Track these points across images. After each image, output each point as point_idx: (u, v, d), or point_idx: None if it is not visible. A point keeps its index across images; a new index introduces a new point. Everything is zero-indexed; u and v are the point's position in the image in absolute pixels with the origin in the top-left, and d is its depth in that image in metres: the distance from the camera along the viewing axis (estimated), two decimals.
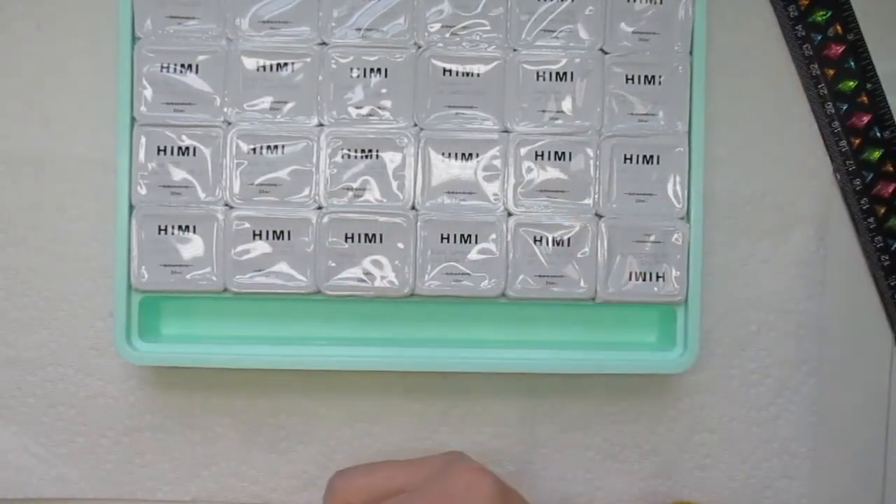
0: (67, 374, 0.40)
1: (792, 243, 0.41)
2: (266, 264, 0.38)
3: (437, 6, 0.38)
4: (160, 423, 0.41)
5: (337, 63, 0.38)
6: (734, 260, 0.41)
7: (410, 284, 0.38)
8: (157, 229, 0.38)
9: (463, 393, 0.41)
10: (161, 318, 0.40)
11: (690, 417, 0.42)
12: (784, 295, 0.42)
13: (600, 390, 0.42)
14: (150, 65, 0.37)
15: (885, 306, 0.42)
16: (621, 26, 0.39)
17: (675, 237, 0.39)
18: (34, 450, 0.41)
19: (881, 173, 0.41)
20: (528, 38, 0.38)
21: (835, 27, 0.41)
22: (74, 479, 0.41)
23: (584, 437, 0.42)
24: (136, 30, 0.38)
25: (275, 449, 0.41)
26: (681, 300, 0.39)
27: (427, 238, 0.38)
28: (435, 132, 0.38)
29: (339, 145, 0.38)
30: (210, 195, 0.38)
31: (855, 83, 0.41)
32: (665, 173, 0.39)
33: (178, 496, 0.41)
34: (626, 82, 0.39)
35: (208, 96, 0.38)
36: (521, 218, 0.38)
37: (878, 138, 0.41)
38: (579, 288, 0.38)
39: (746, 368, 0.42)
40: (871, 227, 0.41)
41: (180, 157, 0.38)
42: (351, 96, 0.38)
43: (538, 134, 0.38)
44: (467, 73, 0.38)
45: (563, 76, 0.38)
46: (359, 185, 0.38)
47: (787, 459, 0.42)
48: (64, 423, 0.41)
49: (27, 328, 0.40)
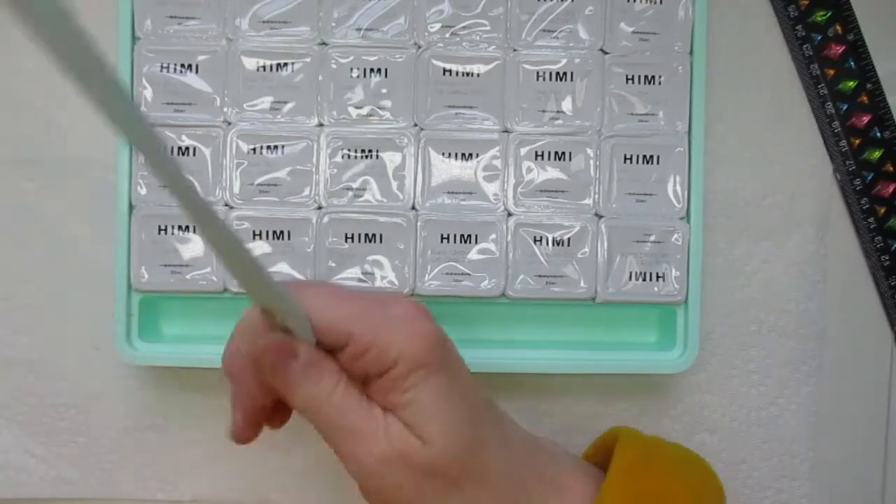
0: (67, 374, 0.40)
1: (792, 243, 0.41)
2: (266, 264, 0.38)
3: (437, 6, 0.38)
4: (160, 423, 0.41)
5: (337, 63, 0.38)
6: (734, 260, 0.41)
7: (410, 284, 0.38)
8: (157, 229, 0.38)
9: None
10: (161, 318, 0.40)
11: (690, 417, 0.42)
12: (784, 295, 0.42)
13: (600, 390, 0.42)
14: (150, 65, 0.37)
15: (885, 306, 0.42)
16: (621, 26, 0.39)
17: (675, 237, 0.39)
18: (34, 450, 0.41)
19: (881, 173, 0.41)
20: (528, 38, 0.38)
21: (835, 27, 0.41)
22: (74, 479, 0.41)
23: (585, 438, 0.42)
24: (136, 30, 0.38)
25: (275, 449, 0.41)
26: (681, 300, 0.39)
27: (427, 238, 0.38)
28: (435, 132, 0.38)
29: (339, 145, 0.38)
30: (210, 195, 0.38)
31: (855, 83, 0.41)
32: (665, 173, 0.39)
33: (178, 496, 0.41)
34: (626, 82, 0.39)
35: (208, 96, 0.38)
36: (521, 218, 0.38)
37: (878, 138, 0.41)
38: (579, 288, 0.38)
39: (746, 368, 0.42)
40: (871, 227, 0.41)
41: (180, 158, 0.38)
42: (351, 96, 0.38)
43: (538, 134, 0.38)
44: (467, 73, 0.38)
45: (563, 76, 0.38)
46: (359, 185, 0.38)
47: (787, 459, 0.42)
48: (64, 423, 0.41)
49: (27, 328, 0.40)
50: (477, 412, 0.29)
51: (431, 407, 0.28)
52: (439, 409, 0.28)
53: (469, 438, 0.28)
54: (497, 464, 0.29)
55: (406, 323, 0.28)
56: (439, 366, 0.28)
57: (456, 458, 0.28)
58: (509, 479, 0.29)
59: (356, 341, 0.27)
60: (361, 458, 0.28)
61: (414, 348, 0.27)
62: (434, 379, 0.28)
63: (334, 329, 0.27)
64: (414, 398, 0.27)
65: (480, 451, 0.28)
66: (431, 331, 0.28)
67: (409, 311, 0.28)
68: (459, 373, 0.29)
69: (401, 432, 0.27)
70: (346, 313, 0.28)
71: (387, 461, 0.27)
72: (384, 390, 0.28)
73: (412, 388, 0.27)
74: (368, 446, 0.27)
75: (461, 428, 0.28)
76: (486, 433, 0.29)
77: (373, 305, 0.28)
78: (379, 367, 0.27)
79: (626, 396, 0.42)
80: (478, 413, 0.29)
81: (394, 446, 0.27)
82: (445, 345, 0.29)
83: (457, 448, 0.28)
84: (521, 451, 0.30)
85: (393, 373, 0.27)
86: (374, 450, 0.27)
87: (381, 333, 0.27)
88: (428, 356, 0.28)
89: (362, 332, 0.27)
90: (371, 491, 0.28)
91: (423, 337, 0.28)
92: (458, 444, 0.28)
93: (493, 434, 0.29)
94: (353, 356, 0.28)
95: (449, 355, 0.29)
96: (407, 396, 0.27)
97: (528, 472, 0.30)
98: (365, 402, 0.28)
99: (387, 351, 0.27)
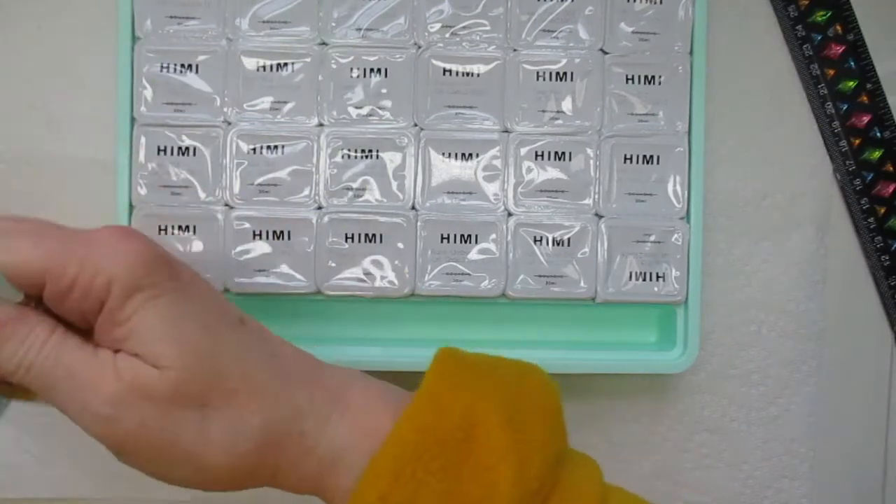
0: None
1: (792, 243, 0.41)
2: (266, 264, 0.38)
3: (437, 6, 0.38)
4: None
5: (337, 63, 0.38)
6: (734, 260, 0.41)
7: (410, 284, 0.38)
8: (157, 229, 0.38)
9: None
10: None
11: (690, 417, 0.42)
12: (784, 295, 0.42)
13: (600, 390, 0.42)
14: (150, 65, 0.37)
15: (885, 306, 0.42)
16: (621, 26, 0.39)
17: (674, 237, 0.39)
18: (34, 450, 0.41)
19: (881, 173, 0.41)
20: (528, 38, 0.38)
21: (835, 27, 0.41)
22: (74, 479, 0.41)
23: (585, 437, 0.42)
24: (136, 30, 0.38)
25: None
26: (681, 300, 0.39)
27: (427, 238, 0.38)
28: (435, 132, 0.38)
29: (339, 145, 0.38)
30: (210, 195, 0.38)
31: (855, 83, 0.41)
32: (665, 173, 0.39)
33: (178, 496, 0.41)
34: (626, 82, 0.39)
35: (208, 96, 0.38)
36: (521, 218, 0.38)
37: (878, 138, 0.41)
38: (579, 288, 0.38)
39: (746, 368, 0.42)
40: (871, 227, 0.41)
41: (180, 157, 0.38)
42: (351, 96, 0.38)
43: (538, 134, 0.38)
44: (467, 73, 0.38)
45: (563, 76, 0.38)
46: (359, 185, 0.38)
47: (787, 459, 0.42)
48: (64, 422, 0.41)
49: None
50: (219, 328, 0.26)
51: (158, 329, 0.25)
52: (169, 331, 0.25)
53: (208, 352, 0.26)
54: (257, 375, 0.26)
55: (111, 245, 0.25)
56: (163, 287, 0.25)
57: (198, 377, 0.25)
58: (276, 390, 0.26)
59: (55, 277, 0.25)
60: (92, 406, 0.25)
61: (126, 269, 0.25)
62: (158, 301, 0.25)
63: (27, 272, 0.25)
64: (137, 325, 0.25)
65: (232, 366, 0.26)
66: (144, 248, 0.26)
67: (113, 233, 0.26)
68: (194, 293, 0.27)
69: (131, 365, 0.25)
70: (40, 252, 0.25)
71: (121, 401, 0.25)
72: (106, 327, 0.25)
73: (133, 314, 0.25)
74: (97, 390, 0.25)
75: (198, 345, 0.25)
76: (236, 347, 0.26)
77: (72, 238, 0.25)
78: (93, 302, 0.25)
79: (626, 396, 0.42)
80: (221, 330, 0.26)
81: (126, 382, 0.25)
82: (167, 265, 0.26)
83: (197, 366, 0.25)
84: (291, 363, 0.28)
85: (110, 303, 0.25)
86: (104, 392, 0.25)
87: (85, 262, 0.25)
88: (144, 276, 0.25)
89: (62, 265, 0.24)
90: (118, 442, 0.26)
91: (134, 255, 0.25)
92: (196, 361, 0.25)
93: (251, 348, 0.27)
94: (57, 295, 0.25)
95: (176, 276, 0.26)
96: (129, 325, 0.25)
97: (300, 383, 0.27)
98: (88, 346, 0.26)
99: (95, 280, 0.25)
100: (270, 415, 0.26)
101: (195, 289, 0.27)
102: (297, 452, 0.27)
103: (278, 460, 0.27)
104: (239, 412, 0.26)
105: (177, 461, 0.26)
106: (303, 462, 0.27)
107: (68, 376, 0.25)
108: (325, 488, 0.27)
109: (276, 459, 0.27)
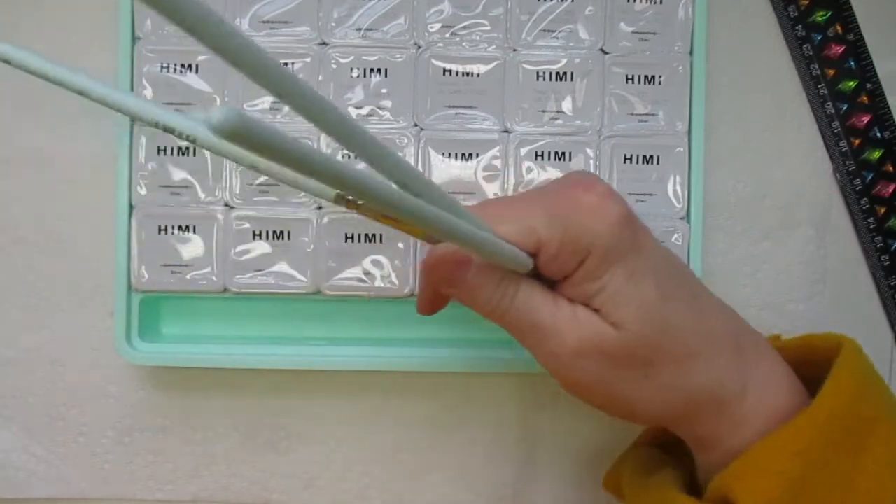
0: (67, 374, 0.40)
1: (792, 243, 0.41)
2: (266, 264, 0.38)
3: (437, 6, 0.38)
4: (160, 423, 0.41)
5: (337, 63, 0.38)
6: (734, 260, 0.41)
7: (410, 284, 0.38)
8: (157, 229, 0.38)
9: (463, 392, 0.41)
10: (161, 318, 0.40)
11: None
12: (784, 295, 0.42)
13: None
14: (150, 65, 0.37)
15: (885, 306, 0.42)
16: (621, 26, 0.39)
17: (675, 237, 0.39)
18: (34, 450, 0.41)
19: (881, 173, 0.41)
20: (528, 38, 0.38)
21: (835, 27, 0.41)
22: (74, 479, 0.41)
23: (586, 438, 0.42)
24: (136, 30, 0.38)
25: (275, 449, 0.41)
26: None
27: None
28: (435, 132, 0.38)
29: (339, 146, 0.38)
30: (210, 195, 0.38)
31: (855, 83, 0.41)
32: (665, 173, 0.39)
33: (178, 496, 0.41)
34: (626, 82, 0.39)
35: (208, 96, 0.38)
36: None
37: (878, 138, 0.41)
38: None
39: None
40: (871, 227, 0.41)
41: (180, 157, 0.38)
42: (351, 96, 0.38)
43: (538, 134, 0.38)
44: (467, 72, 0.38)
45: (563, 76, 0.38)
46: None
47: None
48: (64, 423, 0.41)
49: (27, 328, 0.40)
50: (668, 288, 0.29)
51: (622, 292, 0.28)
52: (630, 294, 0.28)
53: (661, 318, 0.28)
54: (695, 344, 0.29)
55: (592, 213, 0.27)
56: (628, 247, 0.28)
57: (649, 341, 0.28)
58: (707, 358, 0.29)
59: (546, 247, 0.27)
60: (555, 353, 0.28)
61: (604, 237, 0.27)
62: (623, 262, 0.28)
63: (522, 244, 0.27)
64: (604, 285, 0.27)
65: (677, 334, 0.29)
66: (618, 213, 0.28)
67: (592, 200, 0.28)
68: (647, 247, 0.29)
69: (592, 322, 0.28)
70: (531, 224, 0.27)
71: (581, 353, 0.28)
72: (577, 282, 0.28)
73: (605, 273, 0.27)
74: (560, 340, 0.28)
75: (653, 309, 0.28)
76: (683, 317, 0.29)
77: (557, 204, 0.28)
78: (573, 264, 0.27)
79: None
80: (669, 290, 0.29)
81: (586, 337, 0.28)
82: (633, 223, 0.28)
83: (649, 330, 0.28)
84: (722, 328, 0.30)
85: (587, 264, 0.27)
86: (566, 343, 0.28)
87: (569, 226, 0.27)
88: (617, 241, 0.27)
89: (550, 237, 0.27)
90: (570, 383, 0.29)
91: (610, 224, 0.27)
92: (650, 326, 0.28)
93: (695, 318, 0.29)
94: (546, 261, 0.28)
95: (637, 232, 0.29)
96: (598, 284, 0.27)
97: (727, 351, 0.30)
98: (550, 297, 0.28)
99: (577, 248, 0.27)
100: (699, 379, 0.29)
101: (647, 241, 0.29)
102: (710, 411, 0.30)
103: (693, 415, 0.30)
104: (675, 375, 0.29)
105: (615, 403, 0.30)
106: (710, 421, 0.30)
107: (535, 325, 0.28)
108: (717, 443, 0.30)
109: (694, 414, 0.30)
